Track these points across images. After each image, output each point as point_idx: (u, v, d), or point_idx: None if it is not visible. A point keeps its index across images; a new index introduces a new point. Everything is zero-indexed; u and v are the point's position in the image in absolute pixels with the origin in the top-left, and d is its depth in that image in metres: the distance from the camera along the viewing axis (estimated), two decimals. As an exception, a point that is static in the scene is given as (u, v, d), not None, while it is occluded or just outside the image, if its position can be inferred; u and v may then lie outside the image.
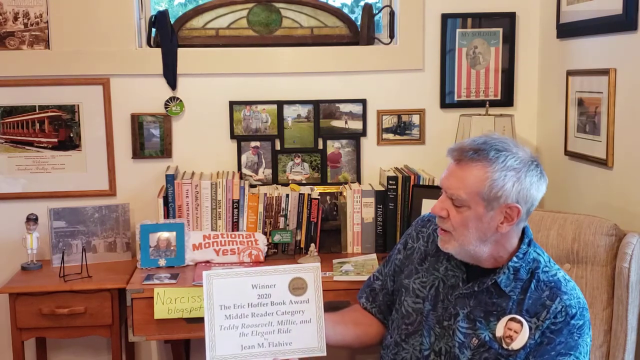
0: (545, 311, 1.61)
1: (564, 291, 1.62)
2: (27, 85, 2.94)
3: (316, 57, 3.04)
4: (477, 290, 1.68)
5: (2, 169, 2.98)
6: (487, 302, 1.66)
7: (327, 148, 3.10)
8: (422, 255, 1.83)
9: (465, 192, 1.60)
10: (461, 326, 1.67)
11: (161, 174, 2.93)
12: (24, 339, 2.64)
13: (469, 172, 1.60)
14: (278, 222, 2.87)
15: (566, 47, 2.82)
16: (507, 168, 1.59)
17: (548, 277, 1.65)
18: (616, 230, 2.16)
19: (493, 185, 1.58)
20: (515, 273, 1.65)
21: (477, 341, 1.65)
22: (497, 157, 1.59)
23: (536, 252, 1.70)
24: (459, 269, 1.73)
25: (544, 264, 1.68)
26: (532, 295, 1.63)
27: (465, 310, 1.68)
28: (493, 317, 1.65)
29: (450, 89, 3.09)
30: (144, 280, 2.55)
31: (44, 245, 2.91)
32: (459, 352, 1.66)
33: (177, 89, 3.01)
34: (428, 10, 3.05)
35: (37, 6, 2.92)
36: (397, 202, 2.88)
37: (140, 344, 3.06)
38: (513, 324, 1.62)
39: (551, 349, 1.60)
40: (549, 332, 1.60)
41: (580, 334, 1.61)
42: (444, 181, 1.66)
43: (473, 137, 1.68)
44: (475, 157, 1.60)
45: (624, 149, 2.39)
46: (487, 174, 1.58)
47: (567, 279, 1.67)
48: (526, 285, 1.65)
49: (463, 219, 1.62)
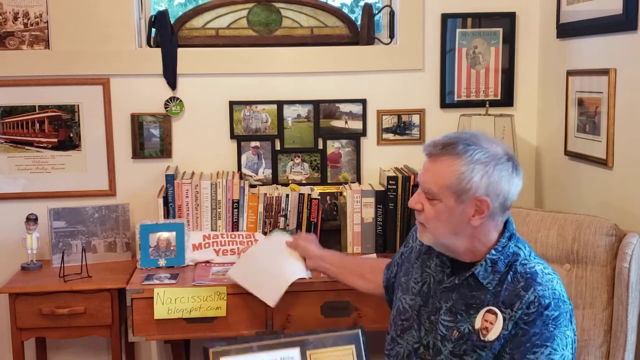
0: (518, 301, 1.62)
1: (538, 282, 1.63)
2: (27, 85, 2.94)
3: (316, 57, 3.04)
4: (458, 283, 1.71)
5: (2, 169, 2.98)
6: (467, 295, 1.69)
7: (327, 148, 3.10)
8: (417, 253, 1.88)
9: (436, 185, 1.66)
10: (444, 319, 1.71)
11: (161, 174, 2.93)
12: (23, 339, 2.64)
13: (439, 165, 1.66)
14: (278, 222, 2.87)
15: (566, 47, 2.82)
16: (475, 161, 1.62)
17: (525, 269, 1.66)
18: (616, 230, 2.16)
19: (461, 177, 1.62)
20: (493, 265, 1.68)
21: (457, 334, 1.68)
22: (466, 151, 1.63)
23: (517, 246, 1.71)
24: (444, 264, 1.77)
25: (523, 257, 1.69)
26: (509, 286, 1.65)
27: (448, 303, 1.71)
28: (473, 310, 1.67)
29: (450, 89, 3.09)
30: (144, 280, 2.55)
31: (44, 245, 2.91)
32: (441, 345, 1.70)
33: (177, 89, 3.01)
34: (428, 10, 3.05)
35: (37, 6, 2.92)
36: (397, 202, 2.88)
37: (140, 344, 3.06)
38: (489, 315, 1.64)
39: (526, 341, 1.60)
40: (522, 322, 1.61)
41: (556, 325, 1.61)
42: (419, 176, 1.73)
43: (446, 133, 1.73)
44: (444, 151, 1.65)
45: (624, 149, 2.39)
46: (455, 167, 1.63)
47: (545, 272, 1.66)
48: (503, 277, 1.67)
49: (435, 212, 1.67)
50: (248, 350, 1.62)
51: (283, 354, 1.63)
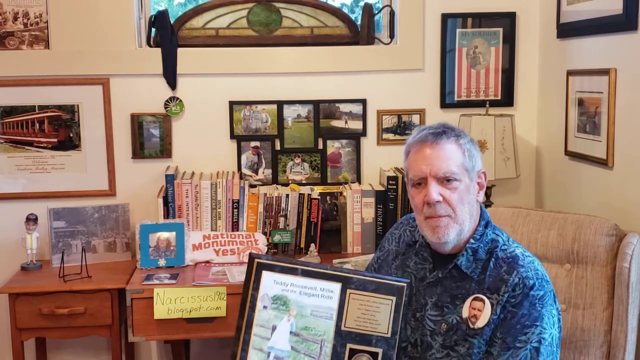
0: (503, 285, 1.64)
1: (520, 264, 1.66)
2: (27, 85, 2.94)
3: (316, 57, 3.04)
4: (442, 277, 1.72)
5: (2, 169, 2.97)
6: (452, 286, 1.71)
7: (327, 148, 3.09)
8: (393, 255, 1.88)
9: (455, 165, 1.68)
10: (430, 314, 1.72)
11: (161, 174, 2.93)
12: (23, 339, 2.64)
13: (447, 148, 1.69)
14: (278, 222, 2.87)
15: (566, 47, 2.82)
16: (469, 141, 1.73)
17: (506, 254, 1.70)
18: (616, 230, 2.16)
19: (469, 154, 1.70)
20: (474, 254, 1.70)
21: (445, 326, 1.69)
22: (459, 133, 1.73)
23: (495, 233, 1.75)
24: (425, 260, 1.78)
25: (502, 242, 1.73)
26: (492, 273, 1.67)
27: (433, 298, 1.72)
28: (459, 300, 1.69)
29: (450, 88, 3.09)
30: (144, 280, 2.55)
31: (44, 245, 2.91)
32: (430, 339, 1.71)
33: (177, 89, 3.01)
34: (428, 10, 3.05)
35: (36, 6, 2.91)
36: (397, 202, 2.88)
37: (140, 344, 3.06)
38: (476, 302, 1.66)
39: (516, 323, 1.62)
40: (510, 305, 1.63)
41: (542, 304, 1.63)
42: (426, 168, 1.68)
43: (422, 127, 1.75)
44: (446, 136, 1.70)
45: (624, 149, 2.39)
46: (462, 146, 1.70)
47: (525, 255, 1.70)
48: (485, 265, 1.69)
49: (459, 195, 1.68)
50: (292, 271, 1.61)
51: (324, 285, 1.61)
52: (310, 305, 1.60)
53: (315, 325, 1.59)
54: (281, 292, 1.60)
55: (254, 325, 1.59)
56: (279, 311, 1.59)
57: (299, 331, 1.59)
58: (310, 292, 1.61)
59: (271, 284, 1.60)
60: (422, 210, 1.70)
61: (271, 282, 1.61)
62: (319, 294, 1.61)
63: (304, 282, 1.61)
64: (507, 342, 1.62)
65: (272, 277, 1.61)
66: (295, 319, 1.59)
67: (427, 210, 1.69)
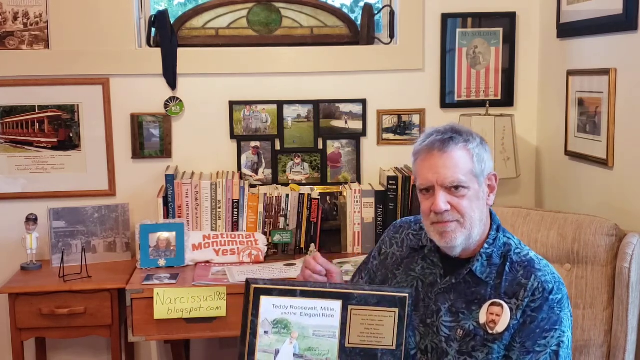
0: (522, 290, 1.64)
1: (537, 269, 1.66)
2: (27, 85, 2.94)
3: (316, 57, 3.04)
4: (455, 282, 1.70)
5: (2, 169, 2.97)
6: (466, 292, 1.69)
7: (327, 148, 3.09)
8: (397, 260, 1.84)
9: (462, 173, 1.65)
10: (445, 321, 1.70)
11: (161, 174, 2.93)
12: (23, 339, 2.64)
13: (456, 156, 1.66)
14: (278, 222, 2.86)
15: (566, 47, 2.82)
16: (479, 144, 1.70)
17: (520, 257, 1.69)
18: (616, 230, 2.16)
19: (478, 159, 1.68)
20: (488, 259, 1.69)
21: (462, 332, 1.68)
22: (468, 137, 1.69)
23: (506, 236, 1.74)
24: (435, 266, 1.75)
25: (515, 246, 1.72)
26: (508, 277, 1.67)
27: (446, 304, 1.70)
28: (475, 306, 1.67)
29: (451, 88, 3.09)
30: (144, 280, 2.55)
31: (44, 246, 2.91)
32: (446, 346, 1.69)
33: (176, 89, 3.01)
34: (428, 10, 3.05)
35: (36, 6, 2.91)
36: (397, 202, 2.88)
37: (140, 344, 3.06)
38: (494, 308, 1.65)
39: (535, 327, 1.62)
40: (530, 310, 1.63)
41: (561, 308, 1.64)
42: (433, 177, 1.67)
43: (430, 132, 1.73)
44: (454, 143, 1.67)
45: (624, 149, 2.39)
46: (471, 152, 1.67)
47: (539, 258, 1.71)
48: (501, 269, 1.68)
49: (469, 202, 1.66)
50: (291, 293, 1.59)
51: (324, 304, 1.59)
52: (312, 325, 1.58)
53: (318, 345, 1.58)
54: (281, 316, 1.58)
55: (256, 351, 1.57)
56: (280, 335, 1.58)
57: (303, 352, 1.58)
58: (311, 312, 1.59)
59: (270, 309, 1.59)
60: (429, 216, 1.69)
61: (270, 306, 1.59)
62: (320, 314, 1.59)
63: (304, 303, 1.59)
64: (527, 346, 1.62)
65: (271, 301, 1.59)
66: (297, 340, 1.58)
67: (434, 216, 1.68)
